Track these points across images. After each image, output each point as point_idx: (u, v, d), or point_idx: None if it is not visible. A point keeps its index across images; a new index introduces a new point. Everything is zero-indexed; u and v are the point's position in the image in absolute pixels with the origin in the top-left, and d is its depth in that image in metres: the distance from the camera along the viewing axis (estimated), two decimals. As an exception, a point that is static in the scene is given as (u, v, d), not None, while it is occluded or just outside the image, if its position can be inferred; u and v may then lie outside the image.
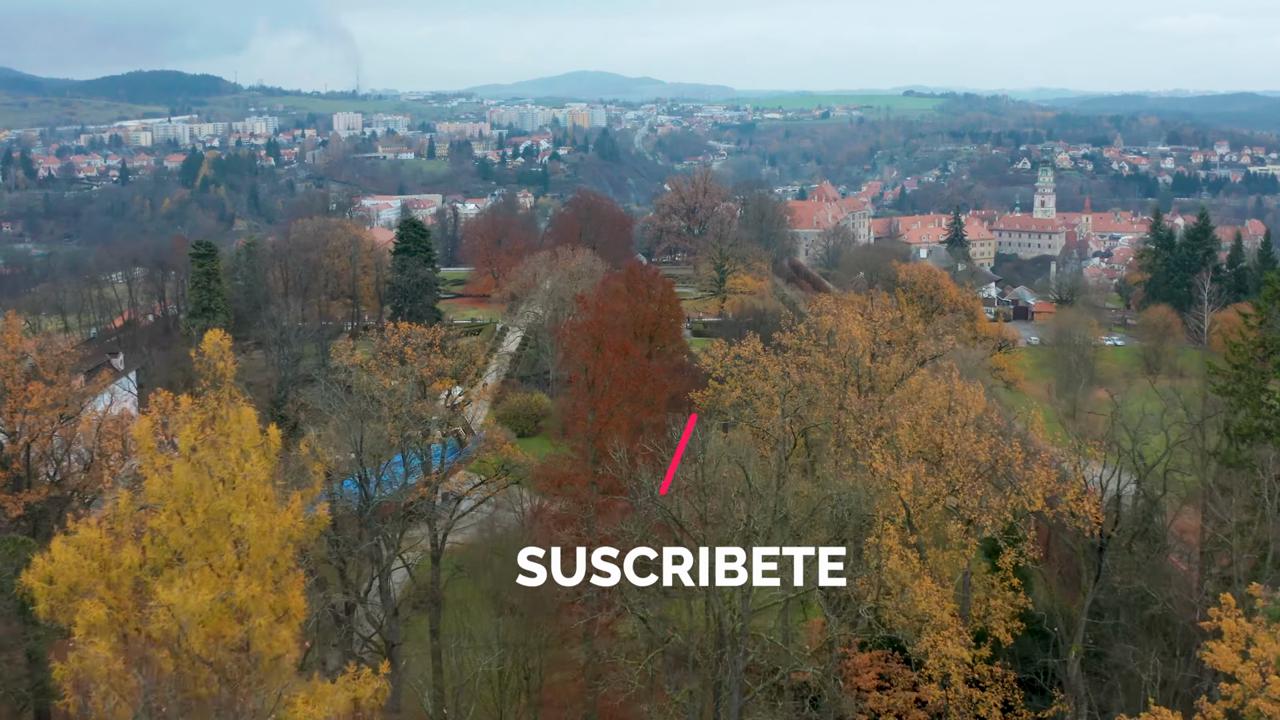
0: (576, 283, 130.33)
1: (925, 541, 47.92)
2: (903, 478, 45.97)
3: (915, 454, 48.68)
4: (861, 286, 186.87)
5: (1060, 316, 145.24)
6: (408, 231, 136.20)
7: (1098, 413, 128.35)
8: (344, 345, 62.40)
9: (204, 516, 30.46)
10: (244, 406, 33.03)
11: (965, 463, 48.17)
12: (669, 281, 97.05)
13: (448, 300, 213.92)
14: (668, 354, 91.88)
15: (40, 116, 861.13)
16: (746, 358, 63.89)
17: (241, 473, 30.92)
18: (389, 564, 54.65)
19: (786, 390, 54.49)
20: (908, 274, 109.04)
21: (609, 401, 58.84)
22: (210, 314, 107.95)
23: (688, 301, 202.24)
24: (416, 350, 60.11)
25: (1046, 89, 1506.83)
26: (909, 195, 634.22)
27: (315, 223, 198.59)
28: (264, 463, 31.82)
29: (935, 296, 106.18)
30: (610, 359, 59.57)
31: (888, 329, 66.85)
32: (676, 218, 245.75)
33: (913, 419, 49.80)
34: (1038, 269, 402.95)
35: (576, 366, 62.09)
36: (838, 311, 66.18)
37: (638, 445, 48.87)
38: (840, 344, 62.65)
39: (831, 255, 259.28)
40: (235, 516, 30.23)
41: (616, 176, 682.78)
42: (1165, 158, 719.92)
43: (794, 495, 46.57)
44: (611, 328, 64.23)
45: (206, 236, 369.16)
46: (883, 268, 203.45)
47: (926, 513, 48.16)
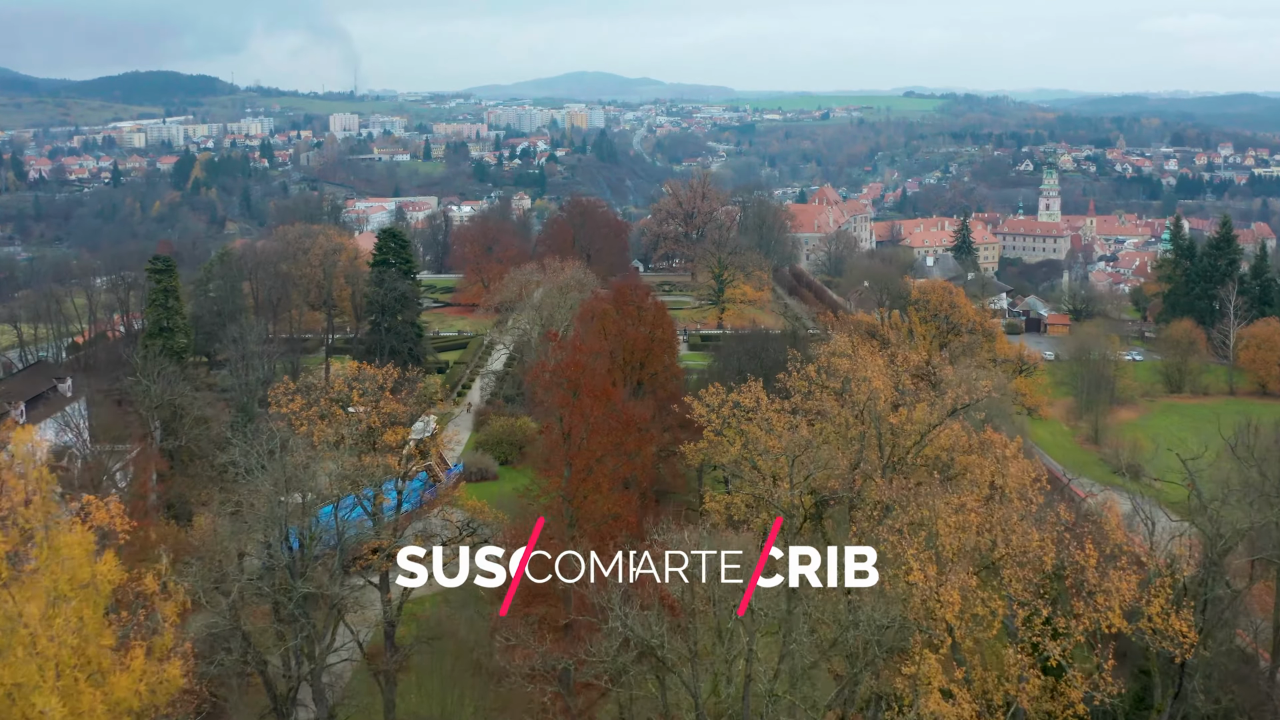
0: (565, 296, 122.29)
1: (970, 663, 39.48)
2: (948, 595, 37.61)
3: (958, 554, 40.36)
4: (867, 297, 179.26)
5: (1079, 332, 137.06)
6: (386, 241, 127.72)
7: (1121, 436, 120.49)
8: (282, 390, 54.13)
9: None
10: (72, 529, 24.58)
11: (1026, 570, 39.89)
12: (661, 303, 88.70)
13: (436, 309, 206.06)
14: (660, 380, 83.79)
15: (34, 117, 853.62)
16: (747, 406, 55.59)
17: (49, 632, 22.40)
18: (322, 661, 46.47)
19: (795, 456, 46.30)
20: (921, 292, 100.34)
21: (587, 455, 50.99)
22: (168, 334, 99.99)
23: (684, 311, 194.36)
24: (366, 395, 52.01)
25: (1047, 90, 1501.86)
26: (910, 197, 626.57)
27: (296, 229, 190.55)
28: (91, 610, 23.53)
29: (951, 316, 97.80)
30: (589, 406, 51.75)
31: (911, 373, 58.35)
32: (674, 223, 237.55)
33: (956, 510, 41.33)
34: (1043, 273, 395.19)
35: (550, 415, 54.09)
36: (855, 353, 57.73)
37: (616, 530, 40.76)
38: (857, 394, 54.37)
39: (834, 262, 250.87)
40: (37, 696, 21.78)
41: (615, 178, 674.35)
42: (1169, 159, 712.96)
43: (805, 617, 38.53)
44: (591, 370, 56.14)
45: (196, 239, 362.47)
46: (889, 278, 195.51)
47: (976, 634, 39.64)
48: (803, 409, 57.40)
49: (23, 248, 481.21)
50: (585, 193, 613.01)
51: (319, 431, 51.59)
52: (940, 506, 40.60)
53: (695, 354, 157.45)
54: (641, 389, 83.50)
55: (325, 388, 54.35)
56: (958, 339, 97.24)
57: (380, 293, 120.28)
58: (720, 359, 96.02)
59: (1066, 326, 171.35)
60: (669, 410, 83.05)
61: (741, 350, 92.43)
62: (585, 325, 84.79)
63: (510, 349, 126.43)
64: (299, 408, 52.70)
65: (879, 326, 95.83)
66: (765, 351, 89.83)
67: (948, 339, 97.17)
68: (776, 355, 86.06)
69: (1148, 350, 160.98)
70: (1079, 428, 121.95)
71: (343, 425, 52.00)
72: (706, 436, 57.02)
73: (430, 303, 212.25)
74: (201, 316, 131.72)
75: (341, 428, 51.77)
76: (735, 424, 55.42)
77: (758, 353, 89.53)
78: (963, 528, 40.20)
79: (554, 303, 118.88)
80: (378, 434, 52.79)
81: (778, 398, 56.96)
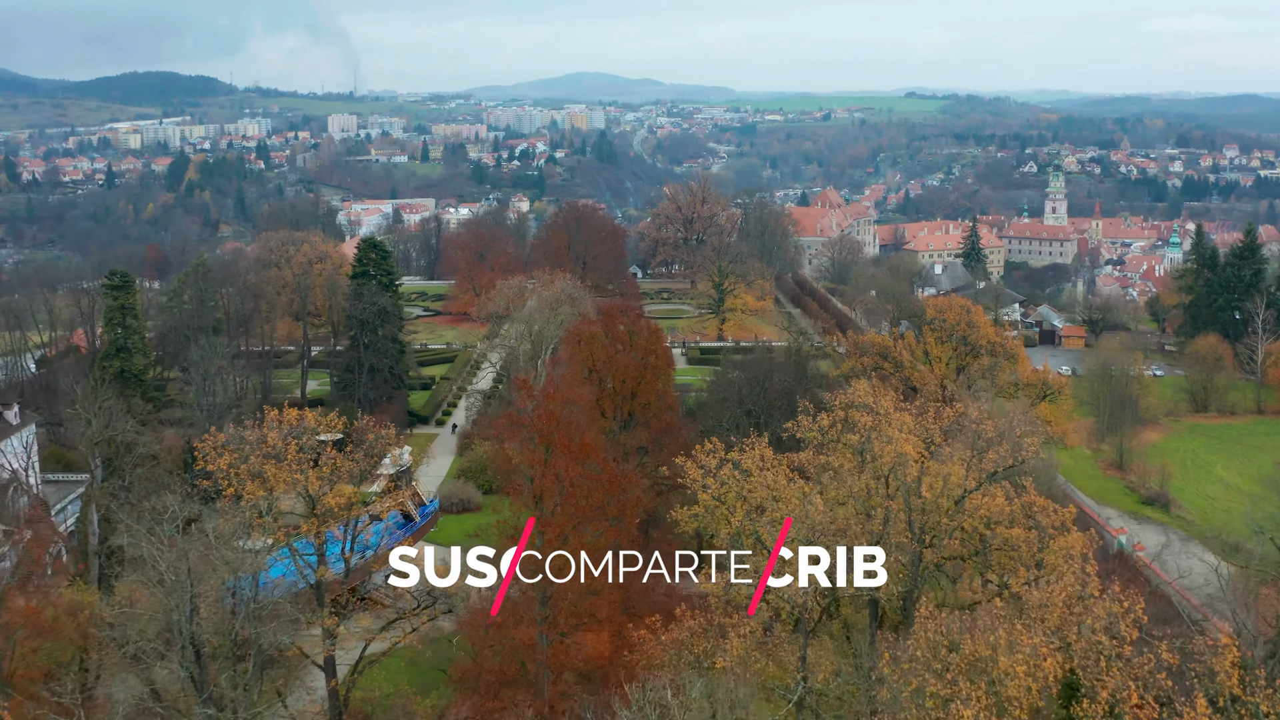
0: (556, 311, 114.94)
1: None
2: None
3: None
4: (875, 308, 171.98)
5: (1100, 349, 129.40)
6: (367, 252, 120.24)
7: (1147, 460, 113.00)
8: (211, 442, 46.64)
9: None
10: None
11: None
12: (655, 326, 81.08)
13: (426, 319, 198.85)
14: (653, 411, 76.41)
15: (30, 118, 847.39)
16: (748, 469, 48.13)
17: None
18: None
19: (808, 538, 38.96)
20: (937, 310, 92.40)
21: (561, 523, 43.73)
22: (126, 355, 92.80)
23: (684, 321, 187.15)
24: (305, 450, 44.70)
25: (1048, 90, 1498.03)
26: (913, 199, 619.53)
27: (280, 236, 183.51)
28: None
29: (970, 337, 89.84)
30: (564, 466, 44.46)
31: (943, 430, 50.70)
32: (673, 228, 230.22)
33: (1027, 657, 33.42)
34: (1050, 277, 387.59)
35: (519, 475, 46.86)
36: (876, 404, 49.97)
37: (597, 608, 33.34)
38: (881, 457, 46.83)
39: (838, 268, 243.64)
40: None
41: (615, 180, 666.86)
42: (1174, 161, 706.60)
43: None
44: (567, 423, 48.60)
45: (186, 243, 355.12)
46: (896, 288, 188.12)
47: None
48: (814, 467, 49.89)
49: (14, 250, 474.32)
50: (585, 195, 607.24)
51: (249, 493, 44.36)
52: (1003, 641, 32.89)
53: (694, 369, 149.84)
54: (633, 420, 76.28)
55: (261, 438, 46.89)
56: (976, 361, 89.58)
57: (359, 307, 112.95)
58: (719, 389, 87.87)
59: (1082, 339, 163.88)
60: (663, 444, 75.85)
61: (743, 379, 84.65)
62: (573, 349, 77.49)
63: (498, 367, 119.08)
64: (227, 464, 45.48)
65: (891, 348, 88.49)
66: (769, 379, 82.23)
67: (966, 361, 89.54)
68: (782, 383, 78.65)
69: (1168, 364, 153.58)
70: (1101, 451, 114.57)
71: (273, 492, 44.63)
72: (703, 501, 49.43)
73: (421, 311, 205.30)
74: (176, 329, 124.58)
75: (267, 499, 44.38)
76: (736, 486, 47.95)
77: (761, 381, 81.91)
78: (1035, 675, 32.67)
79: (544, 317, 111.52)
80: (318, 498, 45.50)
81: (784, 450, 49.56)
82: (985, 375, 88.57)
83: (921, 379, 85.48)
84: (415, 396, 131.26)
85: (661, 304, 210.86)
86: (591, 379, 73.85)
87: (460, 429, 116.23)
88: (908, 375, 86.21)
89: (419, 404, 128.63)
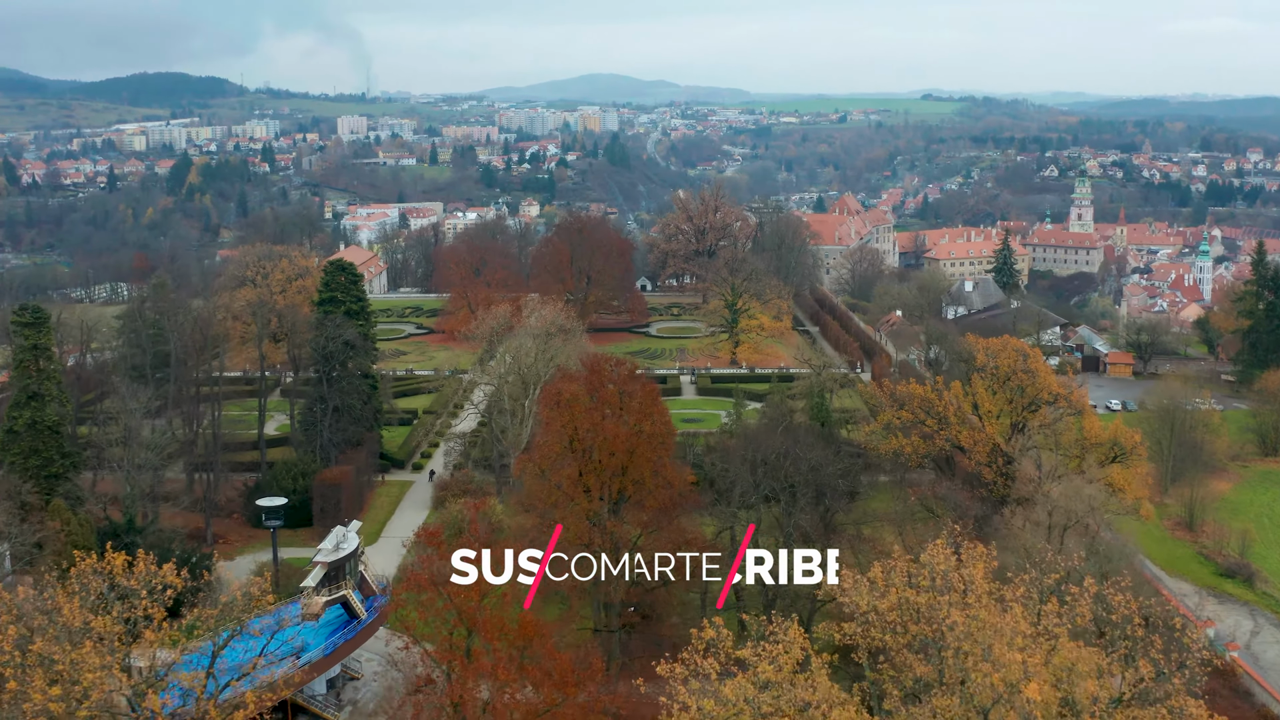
0: (547, 344, 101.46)
1: None
2: None
3: None
4: (903, 331, 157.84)
5: (1164, 383, 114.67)
6: (334, 275, 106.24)
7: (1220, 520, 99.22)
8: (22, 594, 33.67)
9: None
10: None
11: None
12: (651, 385, 66.31)
13: (419, 337, 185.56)
14: (648, 489, 62.40)
15: (36, 119, 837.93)
16: (769, 677, 34.29)
17: None
18: None
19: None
20: (988, 354, 77.50)
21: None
22: (38, 403, 79.65)
23: (694, 342, 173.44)
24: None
25: (1064, 93, 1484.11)
26: (932, 204, 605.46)
27: (259, 249, 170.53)
28: None
29: (1028, 388, 74.95)
30: (491, 670, 30.72)
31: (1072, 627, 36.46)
32: (683, 239, 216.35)
33: None
34: (1075, 287, 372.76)
35: (429, 667, 33.37)
36: (964, 579, 35.70)
37: None
38: (976, 683, 32.67)
39: (859, 282, 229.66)
40: None
41: (627, 183, 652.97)
42: (1197, 165, 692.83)
43: None
44: (494, 605, 34.56)
45: (176, 252, 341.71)
46: (923, 308, 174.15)
47: None
48: (864, 653, 35.98)
49: (13, 255, 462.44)
50: (596, 198, 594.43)
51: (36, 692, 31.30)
52: None
53: (704, 401, 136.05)
54: (624, 500, 62.56)
55: (55, 609, 33.72)
56: (1036, 417, 74.89)
57: (322, 339, 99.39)
58: (729, 468, 71.18)
59: (1129, 366, 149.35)
60: (659, 525, 62.05)
61: (758, 458, 68.83)
62: (551, 413, 63.64)
63: (480, 409, 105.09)
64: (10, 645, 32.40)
65: (935, 402, 74.07)
66: (793, 455, 66.74)
67: (1024, 416, 74.95)
68: (811, 460, 64.68)
69: (1225, 396, 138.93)
70: (1166, 507, 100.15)
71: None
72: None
73: (414, 328, 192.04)
74: (124, 363, 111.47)
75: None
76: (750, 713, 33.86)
77: (782, 463, 66.58)
78: None
79: (532, 352, 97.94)
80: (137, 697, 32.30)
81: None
82: (1047, 433, 74.47)
83: (971, 439, 71.62)
84: (393, 434, 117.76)
85: (671, 320, 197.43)
86: (574, 450, 60.42)
87: (438, 478, 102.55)
88: (954, 435, 72.29)
89: (397, 443, 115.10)
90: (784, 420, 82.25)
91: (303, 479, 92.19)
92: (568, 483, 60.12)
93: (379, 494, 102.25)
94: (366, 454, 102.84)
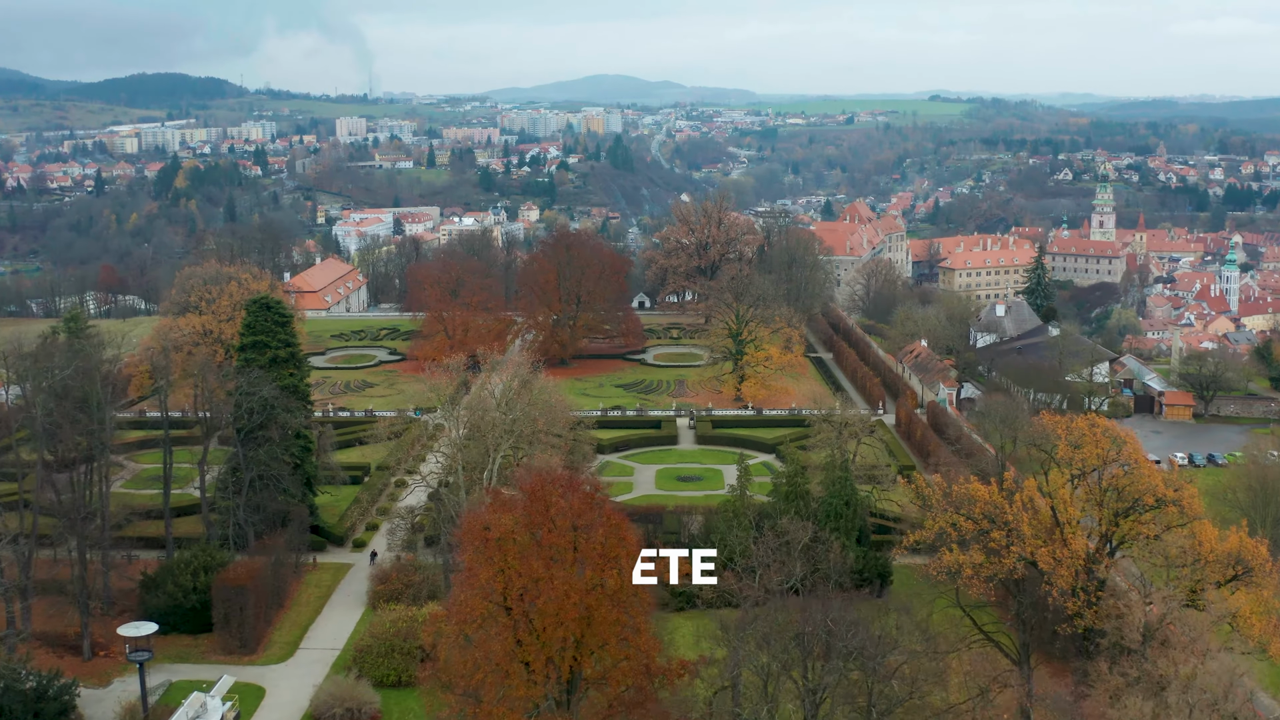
0: (510, 406, 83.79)
1: None
2: None
3: None
4: (929, 364, 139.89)
5: (1254, 458, 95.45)
6: (258, 317, 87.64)
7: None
8: None
9: None
10: None
11: None
12: (618, 516, 45.12)
13: (391, 364, 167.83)
14: (612, 675, 43.34)
15: (30, 120, 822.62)
16: None
17: None
18: None
19: None
20: (1071, 441, 56.85)
21: None
22: None
23: (694, 373, 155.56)
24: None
25: (1072, 93, 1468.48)
26: (943, 208, 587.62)
27: (206, 270, 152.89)
28: None
29: (1126, 488, 55.78)
30: None
31: None
32: (683, 255, 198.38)
33: None
34: (1097, 297, 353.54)
35: None
36: None
37: None
38: None
39: (875, 301, 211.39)
40: None
41: (630, 187, 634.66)
42: (1214, 168, 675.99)
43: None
44: None
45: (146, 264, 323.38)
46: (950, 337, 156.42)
47: None
48: None
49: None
50: (598, 202, 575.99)
51: None
52: None
53: (705, 452, 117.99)
54: (578, 682, 43.86)
55: None
56: (1135, 524, 56.04)
57: (238, 396, 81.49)
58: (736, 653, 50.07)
59: (1189, 408, 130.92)
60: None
61: (773, 630, 48.16)
62: (475, 556, 44.75)
63: (426, 481, 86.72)
64: None
65: (1004, 510, 55.45)
66: (813, 628, 46.25)
67: (1119, 525, 56.31)
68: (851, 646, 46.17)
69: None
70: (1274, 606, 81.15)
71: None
72: None
73: (387, 354, 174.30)
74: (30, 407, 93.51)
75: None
76: None
77: (804, 643, 46.15)
78: None
79: (490, 418, 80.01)
80: None
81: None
82: (1151, 549, 55.79)
83: (1051, 558, 53.20)
84: (340, 496, 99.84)
85: (669, 345, 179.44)
86: (509, 611, 42.09)
87: (379, 563, 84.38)
88: (1029, 551, 53.87)
89: (339, 510, 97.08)
90: (801, 536, 63.69)
91: (204, 574, 74.30)
92: (500, 654, 41.95)
93: (307, 584, 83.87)
94: (295, 531, 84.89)
